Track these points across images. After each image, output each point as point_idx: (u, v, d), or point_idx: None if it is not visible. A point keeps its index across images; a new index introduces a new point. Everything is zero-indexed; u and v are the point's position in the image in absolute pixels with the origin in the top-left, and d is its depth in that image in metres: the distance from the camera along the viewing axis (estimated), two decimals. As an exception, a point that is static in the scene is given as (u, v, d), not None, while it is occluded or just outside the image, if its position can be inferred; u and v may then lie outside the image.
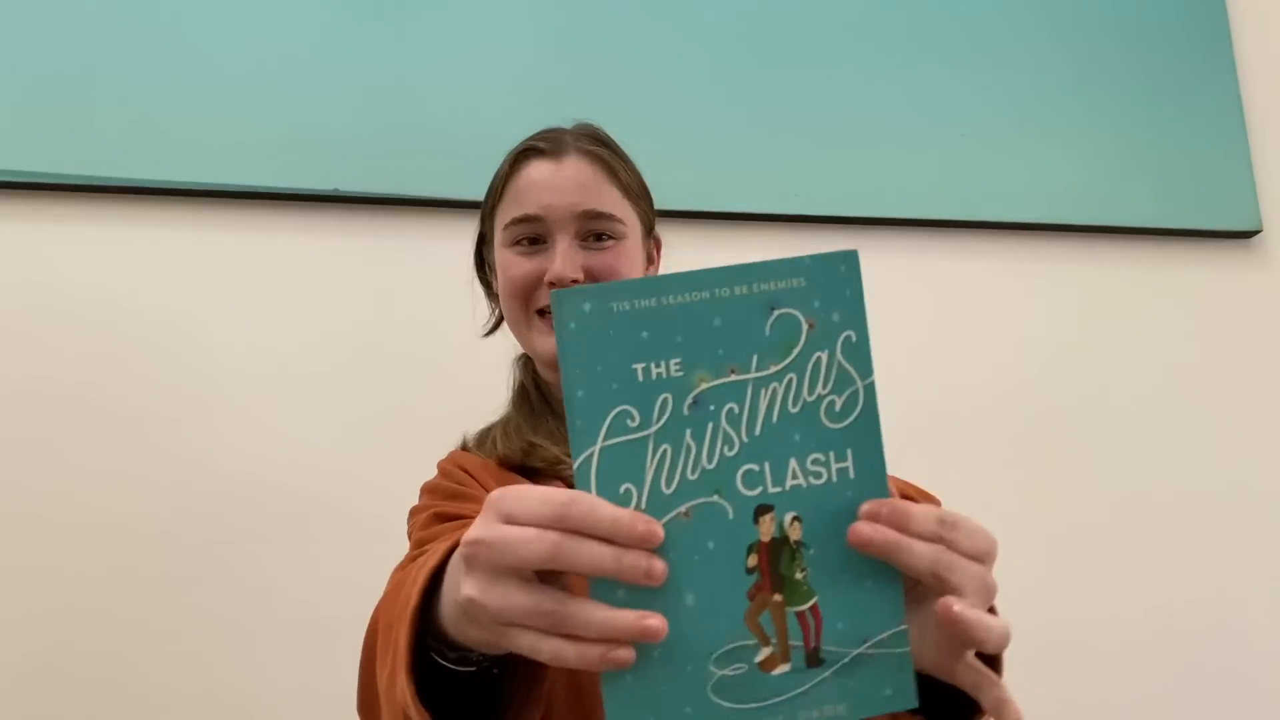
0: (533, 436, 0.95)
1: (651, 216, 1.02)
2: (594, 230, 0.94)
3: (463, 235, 1.53)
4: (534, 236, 0.95)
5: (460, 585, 0.48)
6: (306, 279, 1.49)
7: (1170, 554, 1.63)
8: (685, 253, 0.99)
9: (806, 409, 0.46)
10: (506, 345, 1.10)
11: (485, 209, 1.03)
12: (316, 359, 1.47)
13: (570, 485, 0.46)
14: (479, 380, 1.13)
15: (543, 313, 0.96)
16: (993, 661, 0.56)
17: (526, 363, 1.04)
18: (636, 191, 0.99)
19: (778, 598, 0.44)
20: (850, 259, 0.47)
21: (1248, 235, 1.78)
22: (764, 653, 0.44)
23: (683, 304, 0.45)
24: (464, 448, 1.02)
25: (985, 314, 1.67)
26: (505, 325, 1.04)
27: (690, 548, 0.44)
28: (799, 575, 0.44)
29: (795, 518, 0.45)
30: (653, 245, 1.03)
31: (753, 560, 0.44)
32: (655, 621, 0.42)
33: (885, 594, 0.46)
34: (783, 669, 0.44)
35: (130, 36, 1.48)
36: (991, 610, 0.52)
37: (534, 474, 0.94)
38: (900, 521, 0.45)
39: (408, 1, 1.57)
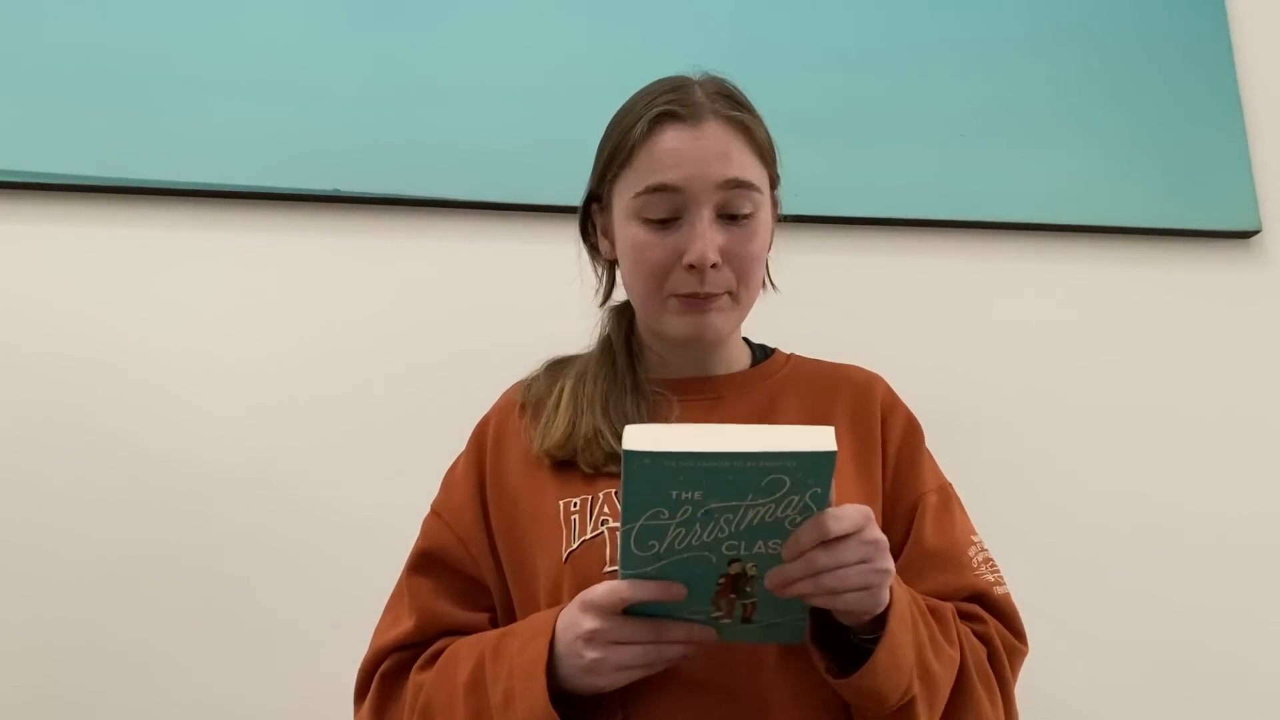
0: (600, 418, 0.93)
1: (777, 174, 0.98)
2: (732, 203, 0.90)
3: (462, 235, 1.54)
4: (668, 213, 0.90)
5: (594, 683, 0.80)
6: (306, 279, 1.49)
7: (1170, 554, 1.63)
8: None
9: (776, 520, 0.75)
10: (507, 347, 1.10)
11: (604, 169, 0.96)
12: (316, 359, 1.47)
13: (613, 475, 0.75)
14: (477, 382, 1.13)
15: (679, 295, 0.92)
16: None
17: (621, 315, 1.01)
18: (768, 150, 0.95)
19: (732, 595, 0.80)
20: (830, 457, 0.72)
21: (1247, 235, 1.78)
22: (717, 615, 0.81)
23: (710, 467, 0.71)
24: (533, 381, 1.02)
25: (985, 314, 1.67)
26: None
27: (688, 573, 0.78)
28: (748, 589, 0.79)
29: (753, 565, 0.78)
30: (775, 208, 1.00)
31: (722, 581, 0.79)
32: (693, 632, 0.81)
33: (797, 606, 0.80)
34: (726, 620, 0.81)
35: (131, 37, 1.48)
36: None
37: (572, 466, 0.93)
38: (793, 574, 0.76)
39: (408, 2, 1.57)
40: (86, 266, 1.43)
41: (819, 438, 0.72)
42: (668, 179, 0.89)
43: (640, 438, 0.72)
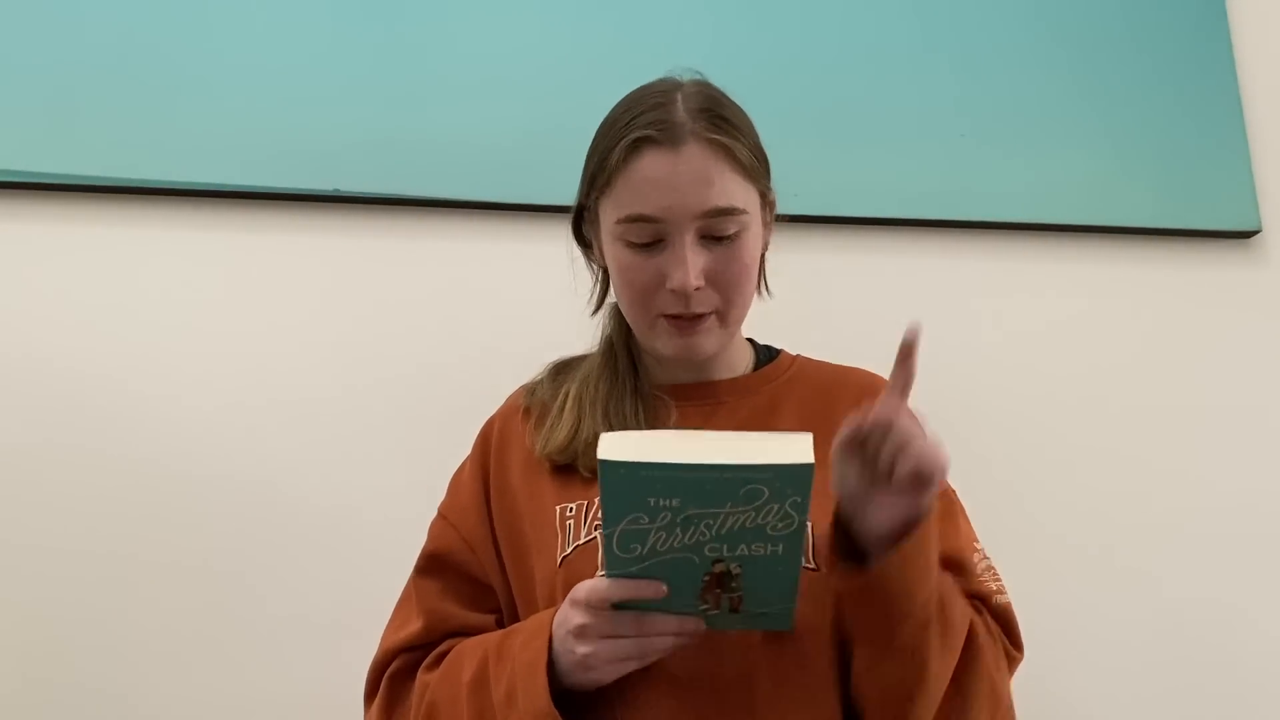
0: (600, 423, 0.94)
1: (768, 184, 0.97)
2: (715, 227, 0.90)
3: (463, 235, 1.54)
4: (650, 238, 0.90)
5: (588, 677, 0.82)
6: (306, 279, 1.49)
7: (1169, 554, 1.63)
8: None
9: (757, 526, 0.75)
10: (508, 346, 1.10)
11: (588, 187, 0.95)
12: (316, 359, 1.47)
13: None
14: (479, 381, 1.13)
15: (667, 317, 0.92)
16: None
17: (623, 316, 1.01)
18: (754, 166, 0.93)
19: (718, 591, 0.79)
20: (807, 469, 0.72)
21: (1247, 235, 1.78)
22: (704, 608, 0.80)
23: (686, 477, 0.71)
24: (537, 385, 1.02)
25: (985, 314, 1.67)
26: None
27: (672, 572, 0.78)
28: (733, 585, 0.79)
29: (738, 566, 0.78)
30: (769, 213, 0.98)
31: (706, 579, 0.79)
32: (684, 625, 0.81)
33: (785, 597, 0.81)
34: (714, 612, 0.81)
35: (131, 37, 1.48)
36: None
37: (572, 470, 0.94)
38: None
39: (408, 2, 1.57)
40: (86, 266, 1.43)
41: (797, 449, 0.72)
42: (646, 210, 0.89)
43: (615, 447, 0.72)
